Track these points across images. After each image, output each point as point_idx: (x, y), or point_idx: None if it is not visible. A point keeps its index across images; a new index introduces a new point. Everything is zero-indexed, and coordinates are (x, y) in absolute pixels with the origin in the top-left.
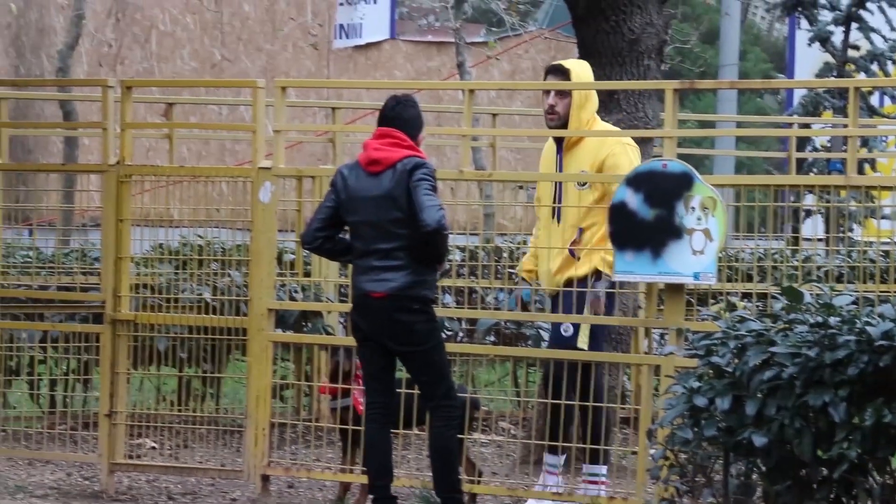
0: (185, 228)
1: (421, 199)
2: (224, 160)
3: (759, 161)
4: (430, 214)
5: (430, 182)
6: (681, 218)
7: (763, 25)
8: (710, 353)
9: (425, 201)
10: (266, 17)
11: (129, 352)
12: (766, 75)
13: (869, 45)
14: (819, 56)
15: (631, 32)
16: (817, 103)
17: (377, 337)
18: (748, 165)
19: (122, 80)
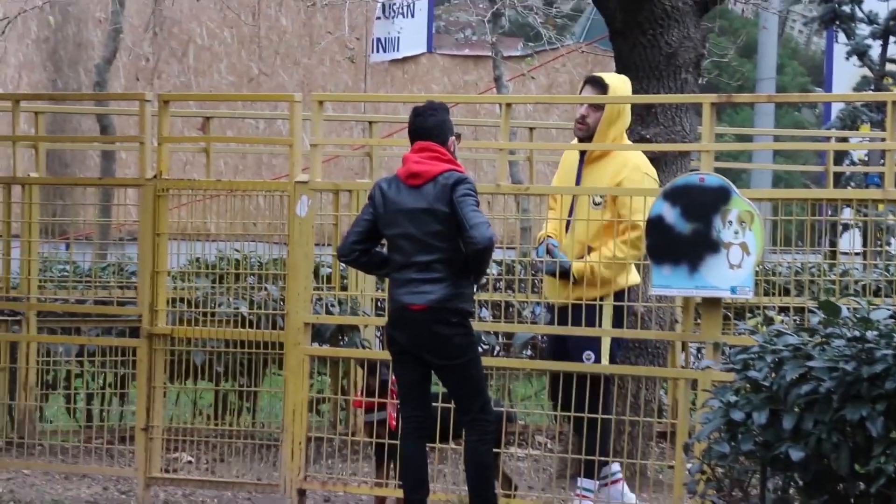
0: (221, 242)
1: (469, 215)
2: (261, 174)
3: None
4: (480, 232)
5: (474, 198)
6: (718, 232)
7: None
8: (747, 368)
9: (473, 217)
10: (303, 31)
11: (165, 366)
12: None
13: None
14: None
15: (668, 46)
16: (855, 117)
17: (415, 350)
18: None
19: (159, 95)
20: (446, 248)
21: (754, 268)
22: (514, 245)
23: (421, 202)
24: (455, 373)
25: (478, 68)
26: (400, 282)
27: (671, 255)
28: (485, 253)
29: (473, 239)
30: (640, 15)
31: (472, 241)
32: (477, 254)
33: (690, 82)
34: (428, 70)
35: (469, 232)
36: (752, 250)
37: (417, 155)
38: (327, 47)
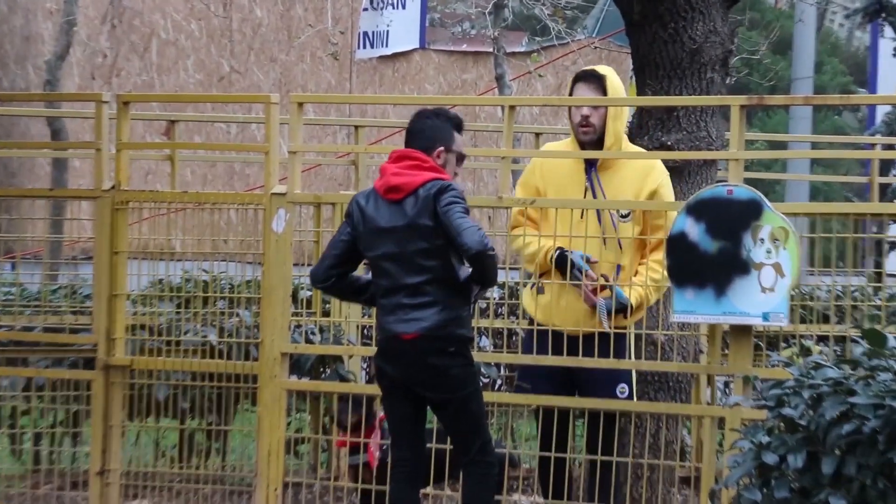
0: (188, 262)
1: (456, 223)
2: (233, 185)
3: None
4: (470, 237)
5: (461, 204)
6: (748, 251)
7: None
8: (782, 404)
9: (461, 224)
10: (281, 23)
11: (123, 401)
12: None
13: None
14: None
15: (692, 41)
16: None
17: (407, 383)
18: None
19: (117, 95)
20: (436, 268)
21: (789, 291)
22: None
23: (402, 218)
24: (452, 408)
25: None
26: (388, 308)
27: (695, 276)
28: (482, 258)
29: (465, 246)
30: (660, 6)
31: (464, 249)
32: (474, 261)
33: (717, 82)
34: (421, 68)
35: (459, 240)
36: (786, 272)
37: (395, 165)
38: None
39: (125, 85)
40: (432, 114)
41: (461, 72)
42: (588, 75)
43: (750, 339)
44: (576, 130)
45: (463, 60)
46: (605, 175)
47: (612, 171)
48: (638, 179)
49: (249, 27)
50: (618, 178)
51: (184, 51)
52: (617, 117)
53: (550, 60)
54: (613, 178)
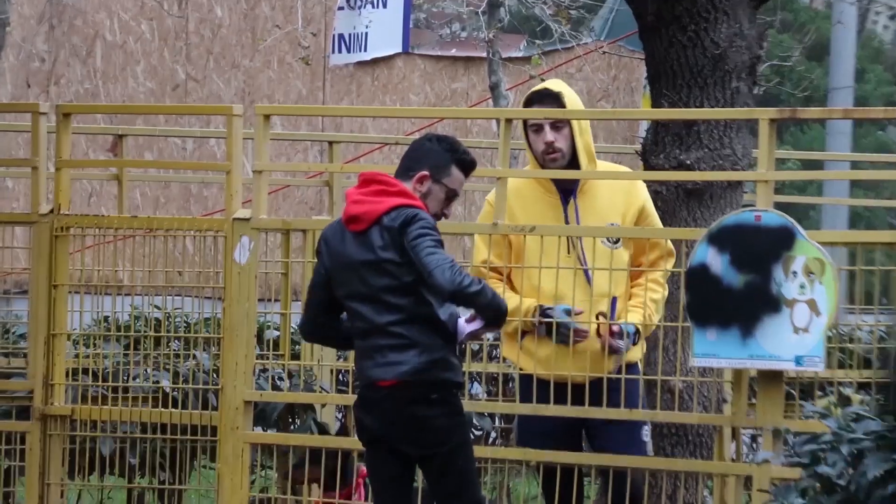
0: (138, 297)
1: (425, 261)
2: (189, 209)
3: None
4: (440, 277)
5: (431, 237)
6: (779, 286)
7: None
8: (817, 462)
9: (430, 263)
10: (244, 24)
11: (63, 456)
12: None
13: None
14: None
15: (715, 46)
16: None
17: (387, 438)
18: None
19: (57, 105)
20: (408, 305)
21: (826, 332)
22: None
23: (367, 252)
24: (438, 464)
25: (469, 73)
26: (365, 351)
27: (719, 315)
28: (461, 298)
29: (436, 287)
30: (678, 6)
31: (436, 289)
32: (454, 301)
33: (743, 92)
34: (405, 75)
35: (430, 281)
36: (822, 310)
37: (359, 191)
38: (275, 46)
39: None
40: (435, 138)
41: (450, 80)
42: (543, 95)
43: (781, 387)
44: (541, 160)
45: (452, 67)
46: (584, 201)
47: (591, 196)
48: (622, 198)
49: (208, 28)
50: (599, 203)
51: (133, 55)
52: (582, 133)
53: (553, 67)
54: (594, 203)
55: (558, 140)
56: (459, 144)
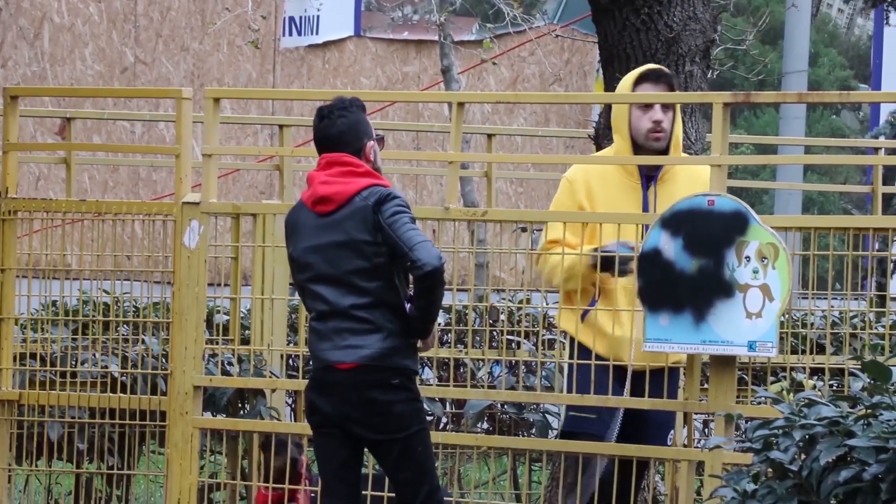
0: (86, 281)
1: (406, 236)
2: (137, 193)
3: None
4: (425, 252)
5: (407, 214)
6: (732, 271)
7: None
8: (769, 447)
9: (412, 238)
10: (193, 7)
11: (11, 441)
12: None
13: None
14: None
15: (669, 29)
16: None
17: (341, 422)
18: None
19: (4, 88)
20: (377, 289)
21: (779, 317)
22: (468, 286)
23: (337, 234)
24: (396, 451)
25: (420, 56)
26: (323, 333)
27: (671, 300)
28: (435, 279)
29: (419, 262)
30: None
31: (418, 266)
32: (425, 280)
33: (697, 76)
34: (356, 59)
35: (412, 255)
36: (775, 295)
37: (324, 173)
38: (224, 28)
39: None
40: (340, 109)
41: (402, 63)
42: (658, 74)
43: (733, 372)
44: (644, 138)
45: (404, 50)
46: (664, 188)
47: (671, 183)
48: (701, 187)
49: (157, 11)
50: (678, 190)
51: (81, 38)
52: (678, 121)
53: (505, 50)
54: (674, 189)
55: (665, 121)
56: (347, 98)
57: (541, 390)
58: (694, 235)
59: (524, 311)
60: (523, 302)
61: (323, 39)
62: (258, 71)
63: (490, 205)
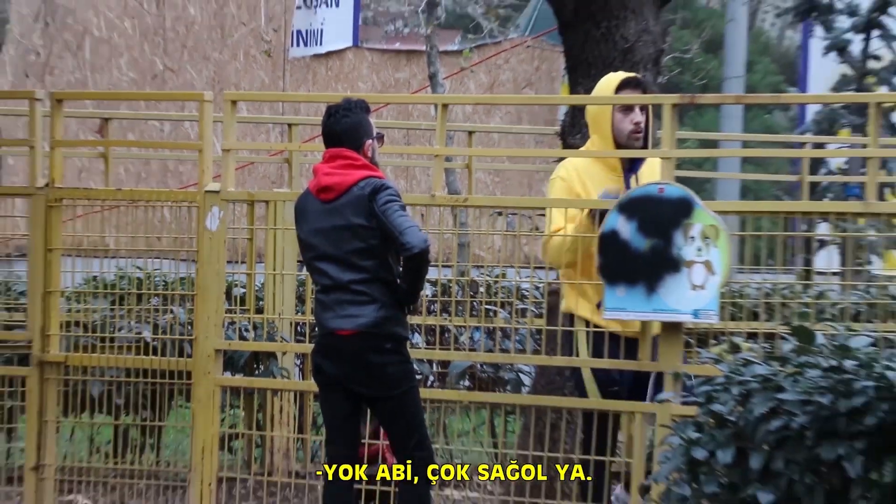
0: (122, 259)
1: (396, 222)
2: (166, 182)
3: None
4: (413, 236)
5: (398, 202)
6: (679, 249)
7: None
8: (711, 401)
9: (402, 223)
10: (214, 21)
11: (58, 397)
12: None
13: (892, 55)
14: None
15: (624, 40)
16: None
17: (342, 381)
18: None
19: (51, 93)
20: (372, 267)
21: (719, 289)
22: (451, 263)
23: (337, 219)
24: (389, 405)
25: (410, 64)
26: (326, 304)
27: (626, 274)
28: (421, 259)
29: (407, 245)
30: (593, 5)
31: (407, 248)
32: (413, 260)
33: (649, 81)
34: (354, 66)
35: (401, 239)
36: (716, 269)
37: (328, 165)
38: (241, 40)
39: (59, 83)
40: (346, 109)
41: (394, 70)
42: (637, 82)
43: (680, 336)
44: (627, 137)
45: (396, 59)
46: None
47: (649, 175)
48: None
49: (182, 25)
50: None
51: (117, 49)
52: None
53: (483, 59)
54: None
55: (642, 122)
56: (354, 100)
57: (514, 352)
58: (646, 219)
59: (500, 285)
60: (499, 276)
61: (326, 50)
62: (270, 77)
63: (470, 192)
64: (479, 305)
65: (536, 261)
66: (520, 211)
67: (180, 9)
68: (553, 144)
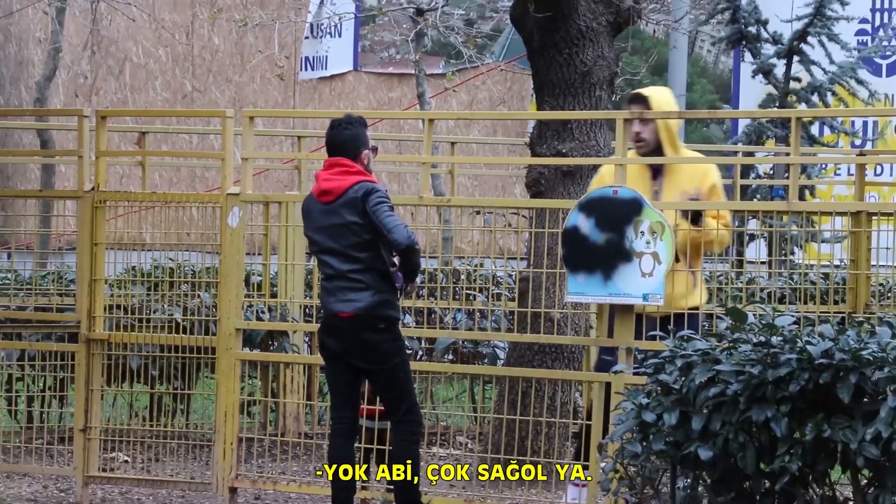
0: (156, 252)
1: (384, 221)
2: (194, 186)
3: None
4: (399, 234)
5: (387, 203)
6: (630, 242)
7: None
8: (659, 371)
9: (389, 223)
10: (235, 49)
11: (102, 369)
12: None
13: (809, 78)
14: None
15: (583, 65)
16: (761, 132)
17: (344, 355)
18: None
19: (97, 110)
20: (367, 258)
21: (665, 276)
22: (437, 254)
23: (336, 218)
24: (383, 377)
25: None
26: (330, 290)
27: (586, 263)
28: (410, 252)
29: (395, 242)
30: (556, 35)
31: (395, 244)
32: (403, 254)
33: (604, 99)
34: (354, 87)
35: (389, 237)
36: (662, 259)
37: (327, 172)
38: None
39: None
40: (347, 123)
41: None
42: (634, 98)
43: (632, 316)
44: (634, 146)
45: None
46: (668, 179)
47: (673, 175)
48: (697, 178)
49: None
50: (678, 180)
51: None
52: (667, 127)
53: (463, 81)
54: (674, 180)
55: (644, 132)
56: (353, 116)
57: (490, 331)
58: (603, 216)
59: (479, 273)
60: (478, 266)
61: (330, 73)
62: (283, 96)
63: (453, 194)
64: (460, 291)
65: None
66: (495, 210)
67: (206, 39)
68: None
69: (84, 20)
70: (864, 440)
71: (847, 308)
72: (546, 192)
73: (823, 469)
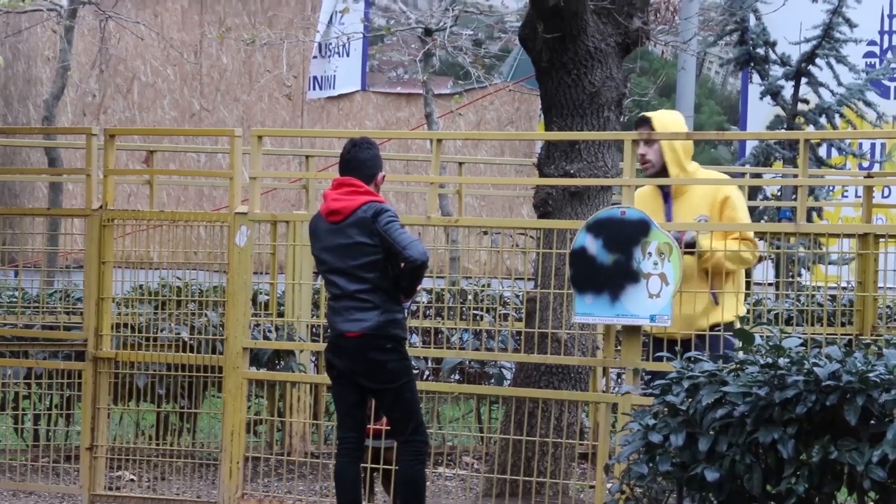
0: (164, 270)
1: (399, 238)
2: (202, 205)
3: None
4: (415, 250)
5: (397, 222)
6: (638, 263)
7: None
8: (665, 392)
9: (403, 240)
10: (243, 69)
11: (109, 388)
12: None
13: (817, 99)
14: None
15: (592, 86)
16: (768, 154)
17: (351, 375)
18: None
19: (105, 129)
20: (374, 278)
21: (672, 297)
22: (444, 274)
23: (344, 238)
24: (390, 396)
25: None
26: (337, 310)
27: (593, 284)
28: (423, 269)
29: (411, 258)
30: (564, 56)
31: (410, 260)
32: (415, 270)
33: (612, 120)
34: (362, 107)
35: (405, 253)
36: (670, 280)
37: (335, 192)
38: (266, 85)
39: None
40: (368, 144)
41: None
42: (640, 121)
43: (639, 337)
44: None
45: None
46: (679, 201)
47: (684, 197)
48: (709, 196)
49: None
50: (689, 201)
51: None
52: (672, 149)
53: (471, 101)
54: (685, 202)
55: (649, 153)
56: (370, 139)
57: (497, 351)
58: (610, 237)
59: (486, 293)
60: (485, 286)
61: (338, 93)
62: (290, 116)
63: (461, 214)
64: (467, 311)
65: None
66: (503, 230)
67: (214, 58)
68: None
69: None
70: (870, 462)
71: (854, 330)
72: (554, 213)
73: (830, 491)
